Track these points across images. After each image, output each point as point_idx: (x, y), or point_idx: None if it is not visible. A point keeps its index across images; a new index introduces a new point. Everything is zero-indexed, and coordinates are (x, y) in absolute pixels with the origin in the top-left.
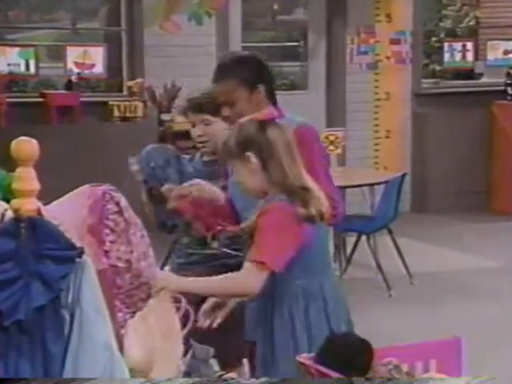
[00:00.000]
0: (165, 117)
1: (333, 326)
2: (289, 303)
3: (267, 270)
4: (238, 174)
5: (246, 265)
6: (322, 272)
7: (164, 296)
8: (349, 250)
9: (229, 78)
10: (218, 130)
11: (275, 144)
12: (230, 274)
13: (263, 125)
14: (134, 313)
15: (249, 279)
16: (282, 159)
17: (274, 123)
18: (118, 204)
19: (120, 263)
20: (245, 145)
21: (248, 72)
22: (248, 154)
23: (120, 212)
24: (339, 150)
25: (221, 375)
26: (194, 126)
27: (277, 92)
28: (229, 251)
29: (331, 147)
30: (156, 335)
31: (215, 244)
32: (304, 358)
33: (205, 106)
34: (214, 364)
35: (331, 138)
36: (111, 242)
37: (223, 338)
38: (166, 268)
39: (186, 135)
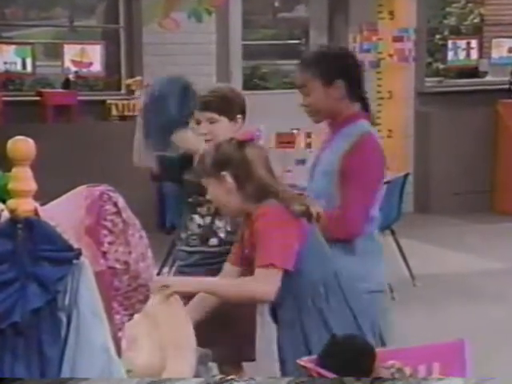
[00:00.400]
0: None
1: (355, 313)
2: (312, 297)
3: (279, 270)
4: (211, 193)
5: (257, 271)
6: (331, 261)
7: (175, 299)
8: None
9: (307, 68)
10: (223, 128)
11: (254, 164)
12: (243, 279)
13: (242, 144)
14: (132, 315)
15: (263, 285)
16: (261, 177)
17: (253, 143)
18: (115, 204)
19: (118, 265)
20: (221, 164)
21: (326, 66)
22: (223, 173)
23: (118, 213)
24: None
25: (222, 378)
26: (198, 123)
27: (278, 91)
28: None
29: None
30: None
31: (221, 223)
32: (305, 360)
33: (211, 103)
34: (214, 368)
35: None
36: (109, 243)
37: (220, 337)
38: (165, 270)
39: None
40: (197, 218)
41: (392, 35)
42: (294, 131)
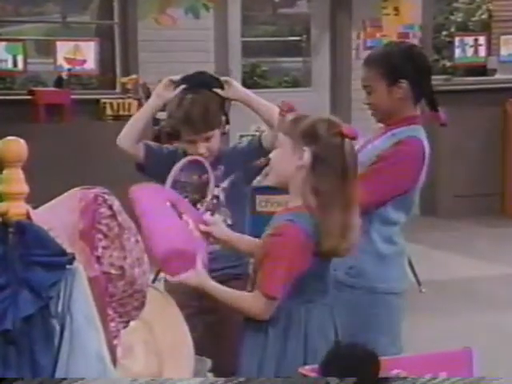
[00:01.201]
0: (160, 115)
1: (308, 358)
2: (269, 324)
3: (276, 300)
4: (278, 153)
5: (258, 295)
6: (311, 299)
7: (172, 306)
8: None
9: (371, 67)
10: (217, 139)
11: (347, 166)
12: (244, 295)
13: (343, 139)
14: (128, 322)
15: (259, 308)
16: (338, 177)
17: (352, 143)
18: (110, 208)
19: (113, 270)
20: (311, 139)
21: (391, 65)
22: (305, 148)
23: (113, 216)
24: None
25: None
26: (193, 142)
27: (278, 89)
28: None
29: None
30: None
31: (221, 218)
32: (307, 370)
33: (206, 123)
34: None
35: None
36: (104, 247)
37: (220, 349)
38: (162, 275)
39: (175, 136)
40: None
41: (397, 32)
42: None
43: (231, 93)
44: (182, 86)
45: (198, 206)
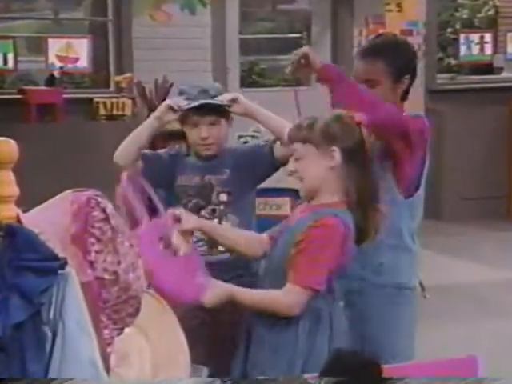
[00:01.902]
0: None
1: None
2: (300, 319)
3: (310, 290)
4: (303, 161)
5: (291, 287)
6: (335, 297)
7: (168, 312)
8: None
9: (378, 58)
10: (224, 131)
11: (367, 150)
12: (272, 293)
13: (361, 129)
14: (122, 329)
15: (291, 303)
16: (365, 167)
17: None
18: (104, 211)
19: (106, 275)
20: (335, 137)
21: (400, 59)
22: (334, 147)
23: (106, 219)
24: None
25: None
26: (196, 126)
27: (278, 88)
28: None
29: None
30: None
31: (228, 224)
32: (308, 377)
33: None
34: None
35: None
36: (97, 251)
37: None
38: None
39: (179, 136)
40: None
41: (400, 29)
42: None
43: (239, 109)
44: (183, 104)
45: (203, 212)
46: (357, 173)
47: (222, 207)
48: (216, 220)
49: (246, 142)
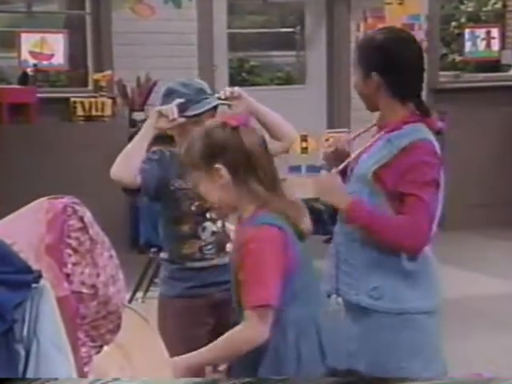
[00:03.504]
0: (137, 116)
1: (329, 362)
2: (277, 336)
3: (269, 309)
4: (202, 189)
5: (247, 314)
6: (313, 300)
7: (150, 328)
8: None
9: (357, 48)
10: None
11: (254, 153)
12: (231, 333)
13: (237, 131)
14: (101, 347)
15: (255, 329)
16: (264, 170)
17: (248, 129)
18: (81, 219)
19: (84, 289)
20: (213, 154)
21: (364, 54)
22: (217, 166)
23: (84, 229)
24: None
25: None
26: (197, 123)
27: (270, 87)
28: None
29: None
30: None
31: (231, 226)
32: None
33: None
34: None
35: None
36: (74, 263)
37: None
38: (139, 295)
39: (162, 138)
40: (209, 224)
41: (401, 23)
42: None
43: (241, 106)
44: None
45: (207, 215)
46: (256, 176)
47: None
48: (220, 221)
49: None
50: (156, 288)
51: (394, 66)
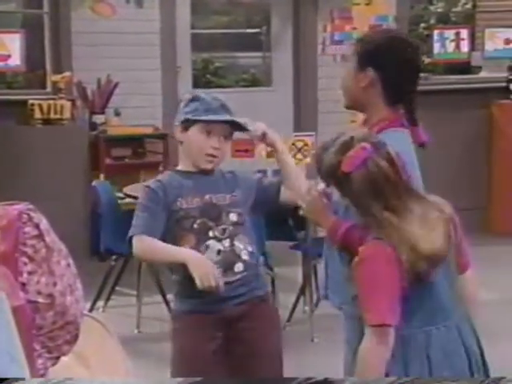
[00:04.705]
0: (98, 119)
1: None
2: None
3: (389, 327)
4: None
5: (367, 331)
6: (430, 320)
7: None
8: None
9: (354, 44)
10: (228, 148)
11: (357, 194)
12: (360, 354)
13: (348, 176)
14: (58, 358)
15: (374, 345)
16: (368, 201)
17: (363, 169)
18: (37, 227)
19: (40, 298)
20: (327, 177)
21: (362, 47)
22: (332, 187)
23: (40, 236)
24: (308, 159)
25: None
26: (208, 134)
27: (235, 89)
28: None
29: (299, 156)
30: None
31: (241, 244)
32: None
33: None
34: None
35: (299, 144)
36: (30, 272)
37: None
38: (100, 303)
39: (123, 142)
40: (213, 243)
41: (368, 24)
42: None
43: (267, 142)
44: None
45: (210, 233)
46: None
47: (231, 227)
48: (228, 240)
49: None
50: (117, 297)
51: (393, 64)
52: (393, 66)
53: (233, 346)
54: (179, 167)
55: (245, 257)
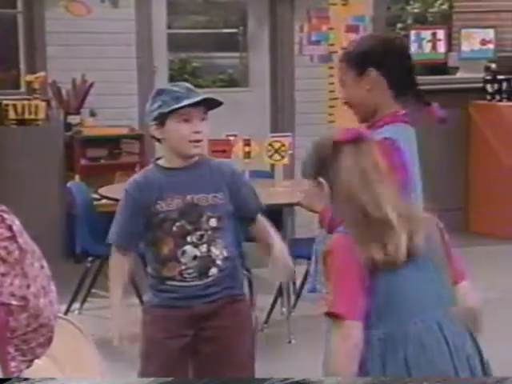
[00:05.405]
0: (73, 119)
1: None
2: (364, 356)
3: (344, 319)
4: (309, 199)
5: (333, 323)
6: (405, 316)
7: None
8: (298, 281)
9: (342, 57)
10: (207, 130)
11: (344, 172)
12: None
13: (338, 147)
14: (31, 361)
15: (338, 338)
16: (352, 189)
17: (353, 145)
18: (10, 228)
19: (14, 301)
20: (318, 169)
21: (354, 56)
22: (320, 179)
23: (13, 238)
24: (286, 160)
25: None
26: (186, 121)
27: (212, 89)
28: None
29: (276, 157)
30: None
31: (217, 250)
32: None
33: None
34: None
35: (276, 145)
36: (2, 274)
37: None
38: (76, 306)
39: (99, 142)
40: (190, 248)
41: (345, 24)
42: (231, 138)
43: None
44: None
45: (188, 238)
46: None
47: (210, 232)
48: (205, 245)
49: None
50: (93, 299)
51: (391, 57)
52: (391, 58)
53: (202, 345)
54: (162, 162)
55: (219, 262)
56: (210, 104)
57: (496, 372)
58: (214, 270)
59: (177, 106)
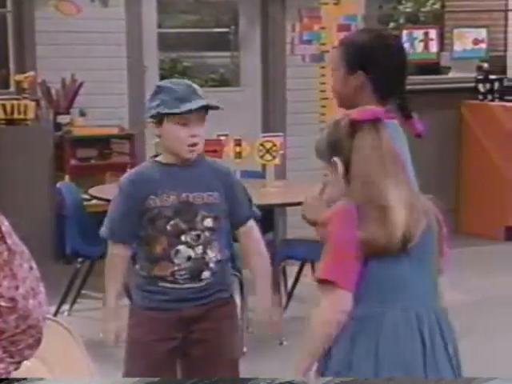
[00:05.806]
0: (63, 119)
1: (379, 371)
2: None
3: (337, 288)
4: (327, 180)
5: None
6: (387, 299)
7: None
8: (290, 281)
9: (339, 48)
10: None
11: (362, 150)
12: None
13: (354, 127)
14: (19, 363)
15: (324, 305)
16: (368, 167)
17: (370, 126)
18: None
19: (3, 302)
20: (333, 148)
21: (349, 51)
22: (335, 159)
23: (2, 239)
24: (277, 160)
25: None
26: (184, 125)
27: (203, 89)
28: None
29: (268, 157)
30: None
31: (213, 253)
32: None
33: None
34: None
35: (268, 145)
36: None
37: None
38: (65, 307)
39: (89, 142)
40: (184, 248)
41: (337, 23)
42: (222, 138)
43: None
44: None
45: (182, 237)
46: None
47: (207, 233)
48: (201, 247)
49: None
50: (83, 300)
51: (380, 64)
52: (380, 65)
53: (191, 347)
54: (160, 158)
55: (212, 265)
56: (208, 106)
57: (484, 371)
58: (206, 273)
59: (175, 111)
